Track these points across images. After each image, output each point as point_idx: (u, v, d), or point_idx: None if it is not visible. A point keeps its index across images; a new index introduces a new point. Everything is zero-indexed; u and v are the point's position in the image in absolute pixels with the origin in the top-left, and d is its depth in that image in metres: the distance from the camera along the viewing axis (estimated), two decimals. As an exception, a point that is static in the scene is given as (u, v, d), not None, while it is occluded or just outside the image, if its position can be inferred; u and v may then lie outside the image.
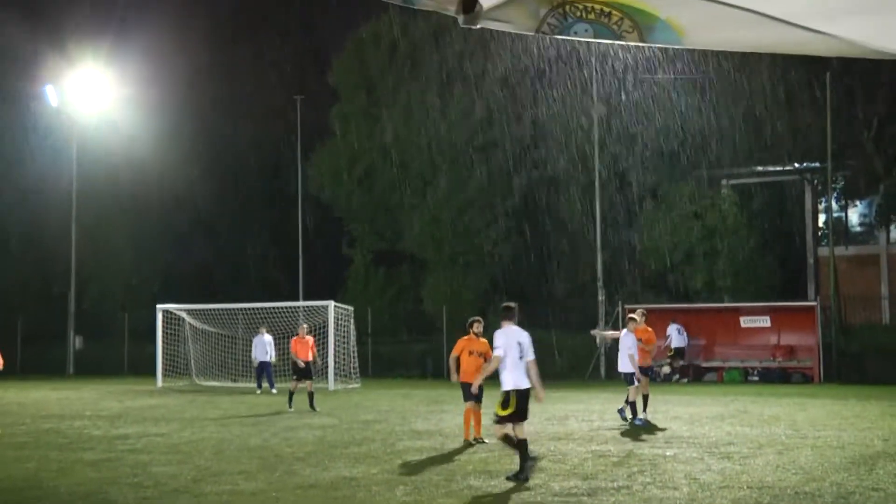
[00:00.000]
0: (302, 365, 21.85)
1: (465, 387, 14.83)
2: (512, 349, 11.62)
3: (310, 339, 22.98)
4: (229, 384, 30.53)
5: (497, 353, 11.64)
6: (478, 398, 14.84)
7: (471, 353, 15.04)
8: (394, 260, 42.08)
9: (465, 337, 15.46)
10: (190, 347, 32.54)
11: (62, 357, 42.99)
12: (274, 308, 31.05)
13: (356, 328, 31.57)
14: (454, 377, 15.23)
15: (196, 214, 46.66)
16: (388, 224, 41.33)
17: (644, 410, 17.80)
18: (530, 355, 11.85)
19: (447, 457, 13.48)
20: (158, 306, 32.47)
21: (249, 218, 46.77)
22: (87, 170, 44.19)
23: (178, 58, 45.74)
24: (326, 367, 29.25)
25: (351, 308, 31.60)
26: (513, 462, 12.65)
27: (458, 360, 15.20)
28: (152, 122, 44.32)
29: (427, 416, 19.93)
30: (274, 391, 27.44)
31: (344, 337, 30.37)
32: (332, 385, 28.77)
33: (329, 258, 44.01)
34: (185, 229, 46.71)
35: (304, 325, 23.97)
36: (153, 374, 31.70)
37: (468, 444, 14.72)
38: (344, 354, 30.21)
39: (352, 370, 30.31)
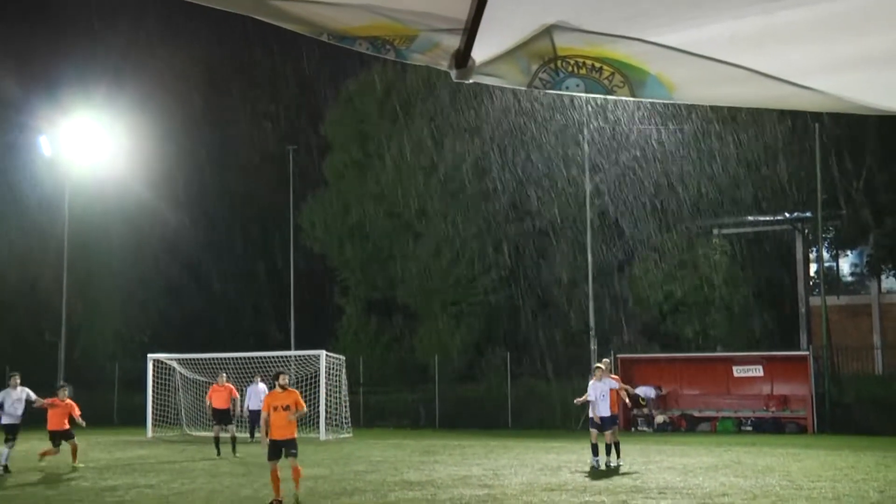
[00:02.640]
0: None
1: (271, 444, 14.28)
2: None
3: (229, 386, 25.08)
4: (222, 435, 30.24)
5: None
6: (285, 453, 14.21)
7: (275, 408, 14.30)
8: (386, 309, 42.04)
9: (270, 392, 14.97)
10: (181, 397, 32.30)
11: (51, 407, 42.60)
12: (265, 357, 30.88)
13: (348, 377, 31.42)
14: (264, 440, 14.50)
15: (188, 263, 46.71)
16: (380, 273, 41.36)
17: (609, 455, 18.73)
18: None
19: (439, 508, 13.35)
20: (149, 355, 32.30)
21: (242, 267, 46.78)
22: (80, 218, 44.14)
23: (171, 107, 46.08)
24: (318, 416, 29.08)
25: (342, 357, 31.45)
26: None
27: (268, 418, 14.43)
28: (145, 171, 44.49)
29: (419, 466, 19.76)
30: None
31: (335, 386, 30.21)
32: (323, 435, 28.57)
33: (321, 307, 43.92)
34: (177, 278, 46.70)
35: (223, 374, 25.83)
36: (143, 424, 31.42)
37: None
38: (335, 404, 30.02)
39: (343, 420, 30.10)
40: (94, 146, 42.18)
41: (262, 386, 28.42)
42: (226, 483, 17.00)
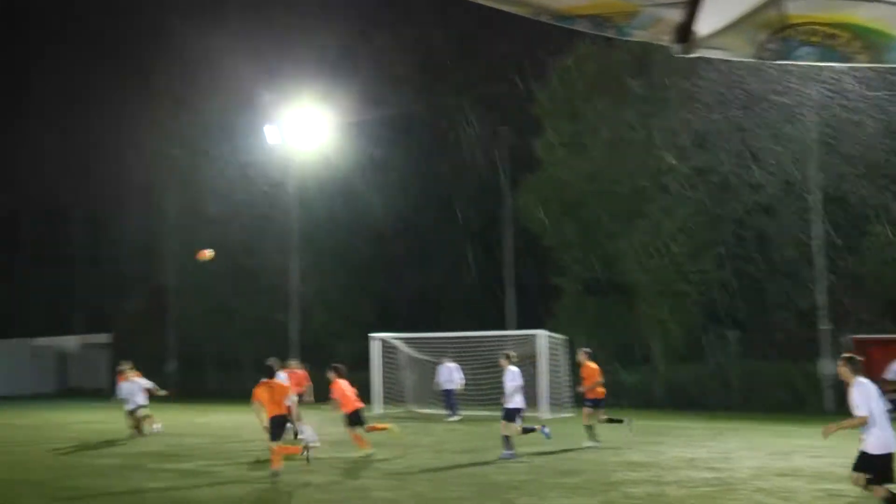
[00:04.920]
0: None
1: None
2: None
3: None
4: (442, 412, 31.02)
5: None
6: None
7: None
8: (604, 289, 41.62)
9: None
10: (406, 375, 33.31)
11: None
12: (483, 337, 31.35)
13: (567, 357, 31.41)
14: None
15: (407, 245, 48.16)
16: (597, 252, 40.97)
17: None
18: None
19: (666, 490, 13.11)
20: (372, 335, 33.47)
21: (460, 247, 47.69)
22: (306, 203, 46.53)
23: (388, 92, 47.55)
24: (537, 396, 29.27)
25: (563, 337, 31.45)
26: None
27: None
28: (364, 155, 46.36)
29: (642, 447, 19.50)
30: (455, 418, 28.16)
31: (556, 366, 30.30)
32: (544, 414, 28.74)
33: (538, 287, 44.09)
34: (398, 260, 48.30)
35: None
36: (369, 401, 32.62)
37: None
38: (556, 384, 30.10)
39: (564, 400, 30.16)
40: (316, 133, 44.17)
41: (452, 364, 29.21)
42: (449, 460, 17.41)
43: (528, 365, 30.23)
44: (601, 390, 20.65)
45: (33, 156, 62.22)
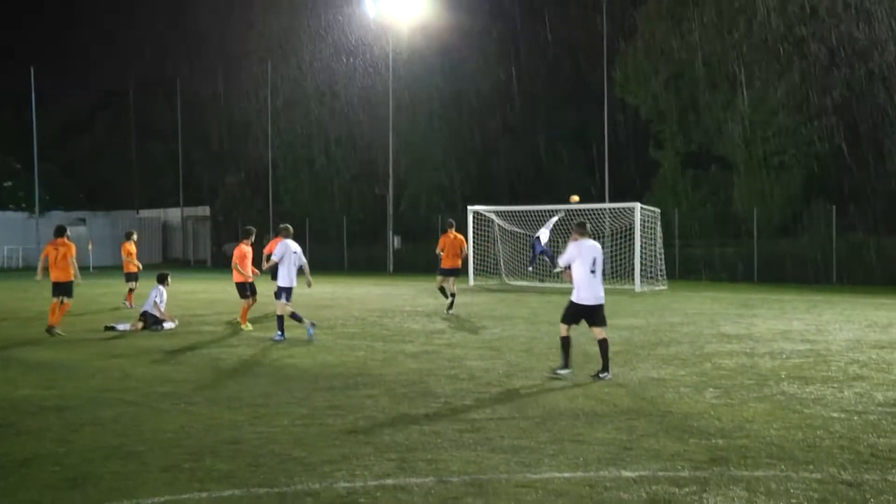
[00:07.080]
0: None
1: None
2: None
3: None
4: (537, 284, 31.33)
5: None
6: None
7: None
8: (703, 162, 40.94)
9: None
10: (500, 248, 33.63)
11: (383, 255, 45.96)
12: (579, 210, 31.27)
13: (663, 230, 31.19)
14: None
15: (505, 117, 47.89)
16: (697, 125, 40.14)
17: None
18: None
19: (758, 361, 13.17)
20: (469, 207, 33.70)
21: (556, 121, 47.18)
22: (403, 77, 46.41)
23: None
24: (632, 268, 29.29)
25: (658, 210, 31.20)
26: (828, 369, 12.25)
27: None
28: (463, 27, 45.78)
29: (737, 319, 19.52)
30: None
31: (650, 239, 30.17)
32: (638, 287, 28.81)
33: (636, 160, 43.59)
34: (494, 133, 48.12)
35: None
36: (465, 273, 33.07)
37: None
38: (650, 256, 30.04)
39: (658, 272, 30.13)
40: (414, 4, 43.63)
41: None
42: (544, 330, 17.70)
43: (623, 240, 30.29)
44: (458, 262, 21.70)
45: (138, 33, 63.24)
